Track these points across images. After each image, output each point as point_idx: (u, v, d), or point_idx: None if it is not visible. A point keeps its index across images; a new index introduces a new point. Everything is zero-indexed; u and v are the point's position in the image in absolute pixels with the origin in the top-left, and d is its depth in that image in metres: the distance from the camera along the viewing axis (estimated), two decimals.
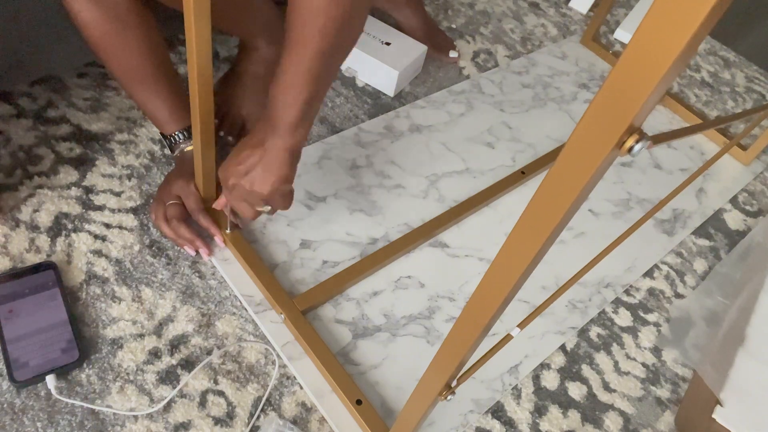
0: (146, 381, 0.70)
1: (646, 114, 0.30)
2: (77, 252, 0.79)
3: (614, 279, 0.95)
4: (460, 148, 1.07)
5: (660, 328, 0.92)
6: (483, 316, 0.43)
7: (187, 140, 0.82)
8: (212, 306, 0.78)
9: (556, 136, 1.15)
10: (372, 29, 1.15)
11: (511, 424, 0.77)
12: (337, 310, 0.81)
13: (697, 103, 1.35)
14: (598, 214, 1.04)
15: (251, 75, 0.97)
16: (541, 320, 0.87)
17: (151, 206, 0.83)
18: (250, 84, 0.96)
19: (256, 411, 0.71)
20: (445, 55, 1.23)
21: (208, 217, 0.81)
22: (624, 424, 0.80)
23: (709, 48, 1.54)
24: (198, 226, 0.82)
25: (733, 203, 1.15)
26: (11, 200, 0.82)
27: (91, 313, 0.74)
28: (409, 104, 1.12)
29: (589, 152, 0.31)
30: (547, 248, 0.38)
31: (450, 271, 0.89)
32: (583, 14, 1.50)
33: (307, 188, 0.93)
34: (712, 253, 1.05)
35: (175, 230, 0.79)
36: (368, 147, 1.02)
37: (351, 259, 0.86)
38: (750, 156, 1.21)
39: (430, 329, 0.82)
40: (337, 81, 1.12)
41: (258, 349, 0.76)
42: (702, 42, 0.27)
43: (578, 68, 1.32)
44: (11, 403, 0.66)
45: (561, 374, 0.83)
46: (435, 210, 0.96)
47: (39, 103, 0.93)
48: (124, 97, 0.98)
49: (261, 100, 0.97)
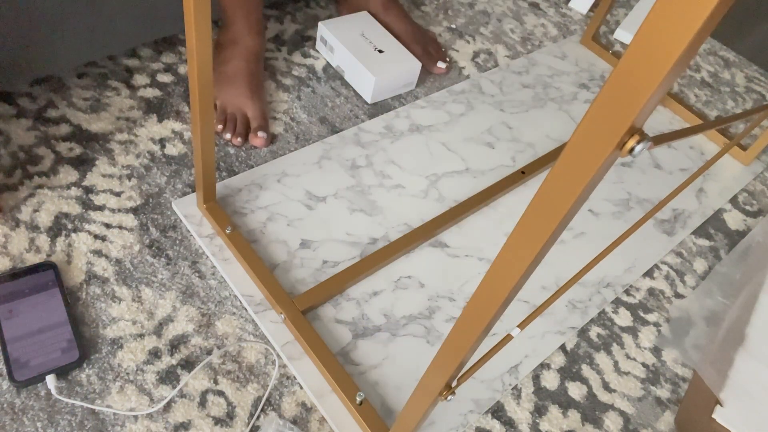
0: (146, 381, 0.70)
1: (647, 115, 0.30)
2: (77, 252, 0.79)
3: (614, 279, 0.95)
4: (460, 148, 1.07)
5: (660, 328, 0.92)
6: (483, 316, 0.43)
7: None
8: (212, 306, 0.78)
9: (556, 136, 1.15)
10: (371, 33, 1.14)
11: (511, 424, 0.77)
12: (337, 310, 0.81)
13: (697, 103, 1.35)
14: (598, 214, 1.04)
15: (237, 69, 0.97)
16: (541, 320, 0.87)
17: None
18: (239, 78, 0.97)
19: (256, 411, 0.71)
20: (433, 64, 1.19)
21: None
22: (624, 424, 0.80)
23: (709, 48, 1.54)
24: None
25: (733, 203, 1.15)
26: (11, 200, 0.82)
27: (91, 313, 0.74)
28: (409, 104, 1.12)
29: (589, 153, 0.31)
30: (547, 249, 0.38)
31: (450, 271, 0.89)
32: (583, 14, 1.50)
33: (307, 188, 0.93)
34: (712, 253, 1.05)
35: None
36: (368, 147, 1.02)
37: (351, 259, 0.87)
38: (750, 156, 1.21)
39: (430, 329, 0.82)
40: (337, 81, 1.12)
41: (258, 349, 0.76)
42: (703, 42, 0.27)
43: (578, 68, 1.32)
44: (11, 403, 0.66)
45: (561, 374, 0.83)
46: (435, 210, 0.96)
47: (39, 103, 0.93)
48: (124, 97, 0.98)
49: (252, 93, 0.97)
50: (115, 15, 0.91)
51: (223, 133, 0.95)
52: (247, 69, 0.98)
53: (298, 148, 0.99)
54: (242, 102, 0.96)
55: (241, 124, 0.96)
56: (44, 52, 0.87)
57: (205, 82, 0.68)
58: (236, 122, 0.96)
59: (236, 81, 0.97)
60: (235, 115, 0.96)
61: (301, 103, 1.06)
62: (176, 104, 0.99)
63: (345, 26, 1.14)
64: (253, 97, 0.97)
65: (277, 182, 0.93)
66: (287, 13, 1.23)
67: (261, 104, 0.98)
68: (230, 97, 0.96)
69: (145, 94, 0.99)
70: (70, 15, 0.85)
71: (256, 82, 0.99)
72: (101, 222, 0.83)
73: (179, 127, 0.96)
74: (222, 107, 0.96)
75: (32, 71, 0.88)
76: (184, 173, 0.91)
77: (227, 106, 0.96)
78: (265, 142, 0.96)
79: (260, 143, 0.96)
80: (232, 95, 0.96)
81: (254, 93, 0.98)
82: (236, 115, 0.96)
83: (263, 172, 0.93)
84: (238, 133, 0.95)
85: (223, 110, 0.96)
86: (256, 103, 0.97)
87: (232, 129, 0.95)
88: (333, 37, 1.11)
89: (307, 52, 1.16)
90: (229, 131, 0.95)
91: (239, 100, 0.96)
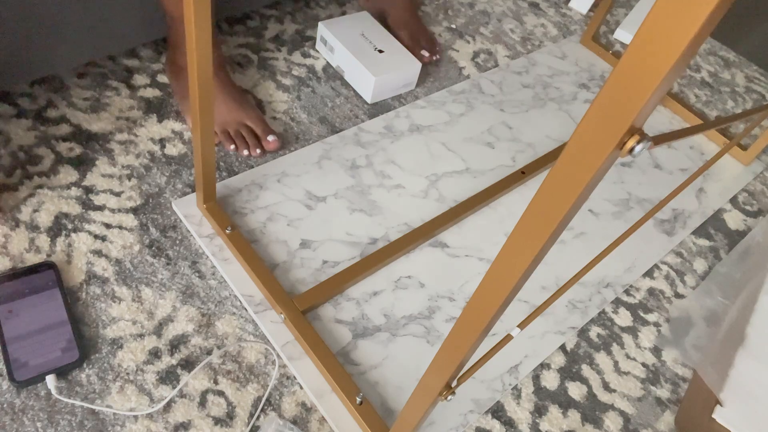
0: (146, 381, 0.70)
1: (647, 115, 0.30)
2: (77, 252, 0.79)
3: (614, 279, 0.95)
4: (460, 148, 1.07)
5: (660, 328, 0.92)
6: (483, 316, 0.43)
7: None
8: (212, 306, 0.78)
9: (556, 136, 1.15)
10: (371, 33, 1.14)
11: (511, 424, 0.77)
12: (337, 310, 0.81)
13: (697, 103, 1.35)
14: (598, 214, 1.04)
15: (222, 86, 0.96)
16: (541, 320, 0.87)
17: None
18: (220, 95, 0.95)
19: (256, 411, 0.71)
20: (417, 50, 1.18)
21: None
22: (624, 424, 0.80)
23: (709, 48, 1.54)
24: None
25: (733, 203, 1.15)
26: (11, 200, 0.82)
27: (91, 313, 0.74)
28: (409, 104, 1.12)
29: (590, 153, 0.31)
30: (547, 249, 0.38)
31: (450, 271, 0.89)
32: (583, 14, 1.50)
33: (307, 188, 0.93)
34: (712, 253, 1.05)
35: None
36: (368, 147, 1.02)
37: (351, 259, 0.87)
38: (750, 156, 1.21)
39: (430, 329, 0.82)
40: (337, 81, 1.12)
41: (258, 349, 0.76)
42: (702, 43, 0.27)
43: (578, 68, 1.32)
44: (11, 403, 0.66)
45: (561, 374, 0.83)
46: (435, 210, 0.96)
47: (39, 103, 0.93)
48: (124, 97, 0.98)
49: (240, 102, 0.96)
50: (115, 15, 0.91)
51: (239, 152, 0.95)
52: (221, 83, 0.95)
53: (298, 148, 0.99)
54: (236, 115, 0.95)
55: (249, 136, 0.95)
56: (44, 52, 0.87)
57: (205, 82, 0.68)
58: (243, 136, 0.95)
59: (219, 99, 0.94)
60: (239, 131, 0.95)
61: (301, 103, 1.06)
62: (176, 104, 0.99)
63: (345, 26, 1.14)
64: (244, 106, 0.96)
65: (277, 182, 0.93)
66: (287, 13, 1.23)
67: (254, 110, 0.97)
68: (223, 117, 0.94)
69: (145, 94, 0.99)
70: (70, 15, 0.85)
71: (236, 91, 0.97)
72: (101, 222, 0.83)
73: (179, 127, 0.96)
74: (222, 129, 0.94)
75: (32, 71, 0.88)
76: (184, 173, 0.91)
77: (225, 125, 0.94)
78: (278, 144, 0.96)
79: (274, 146, 0.96)
80: (223, 113, 0.94)
81: (242, 102, 0.96)
82: (239, 130, 0.95)
83: (263, 172, 0.93)
84: (253, 145, 0.95)
85: (224, 131, 0.94)
86: (248, 110, 0.96)
87: (244, 144, 0.95)
88: (333, 37, 1.11)
89: (307, 52, 1.16)
90: (243, 147, 0.94)
91: (233, 115, 0.95)
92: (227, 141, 0.94)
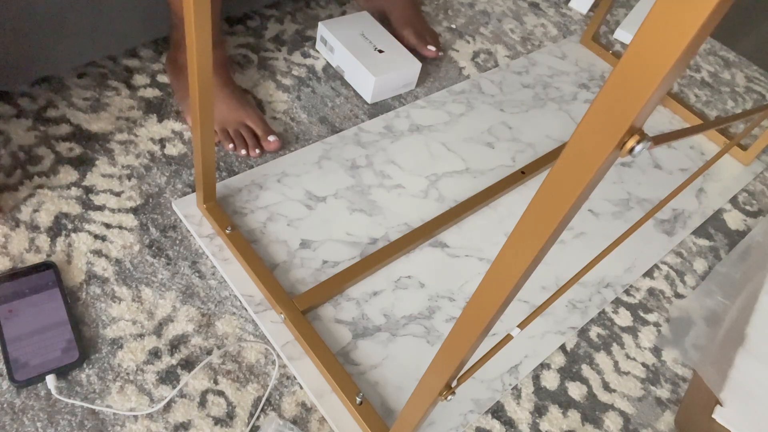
0: (146, 381, 0.70)
1: (647, 115, 0.30)
2: (77, 252, 0.79)
3: (614, 279, 0.95)
4: (460, 148, 1.07)
5: (660, 328, 0.92)
6: (483, 316, 0.43)
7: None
8: (212, 306, 0.78)
9: (556, 136, 1.15)
10: (371, 33, 1.14)
11: (511, 424, 0.77)
12: (337, 310, 0.81)
13: (697, 103, 1.35)
14: (598, 214, 1.04)
15: (223, 85, 0.96)
16: (541, 320, 0.87)
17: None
18: (220, 94, 0.95)
19: (256, 411, 0.71)
20: (424, 46, 1.19)
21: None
22: (624, 424, 0.80)
23: (709, 48, 1.54)
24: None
25: (733, 203, 1.15)
26: (11, 200, 0.82)
27: (91, 313, 0.74)
28: (409, 104, 1.12)
29: (590, 153, 0.31)
30: (547, 249, 0.38)
31: (450, 271, 0.89)
32: (583, 14, 1.50)
33: (307, 188, 0.93)
34: (712, 253, 1.05)
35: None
36: (368, 147, 1.02)
37: (351, 259, 0.87)
38: (750, 156, 1.21)
39: (430, 329, 0.82)
40: (337, 81, 1.12)
41: (258, 349, 0.76)
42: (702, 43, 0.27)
43: (578, 68, 1.32)
44: (11, 403, 0.66)
45: (561, 374, 0.83)
46: (435, 210, 0.96)
47: (39, 103, 0.93)
48: (124, 97, 0.98)
49: (240, 102, 0.96)
50: (115, 15, 0.91)
51: (237, 152, 0.94)
52: (222, 83, 0.95)
53: (298, 148, 0.99)
54: (237, 115, 0.95)
55: (249, 137, 0.95)
56: (44, 52, 0.87)
57: (205, 81, 0.68)
58: (243, 136, 0.95)
59: (219, 98, 0.94)
60: (238, 130, 0.95)
61: (301, 103, 1.06)
62: (176, 104, 0.99)
63: (345, 26, 1.14)
64: (245, 106, 0.96)
65: (277, 182, 0.93)
66: (287, 13, 1.23)
67: (254, 110, 0.97)
68: (223, 116, 0.94)
69: (145, 94, 0.99)
70: (70, 15, 0.85)
71: (238, 91, 0.97)
72: (101, 222, 0.83)
73: (179, 127, 0.96)
74: (221, 128, 0.94)
75: (32, 71, 0.88)
76: (184, 173, 0.91)
77: (225, 125, 0.94)
78: (278, 144, 0.96)
79: (275, 147, 0.96)
80: (223, 113, 0.94)
81: (242, 102, 0.96)
82: (239, 129, 0.95)
83: (263, 172, 0.93)
84: (252, 145, 0.95)
85: (223, 130, 0.94)
86: (249, 110, 0.96)
87: (243, 144, 0.94)
88: (333, 37, 1.11)
89: (307, 52, 1.16)
90: (242, 147, 0.94)
91: (233, 115, 0.94)
92: (227, 140, 0.94)
